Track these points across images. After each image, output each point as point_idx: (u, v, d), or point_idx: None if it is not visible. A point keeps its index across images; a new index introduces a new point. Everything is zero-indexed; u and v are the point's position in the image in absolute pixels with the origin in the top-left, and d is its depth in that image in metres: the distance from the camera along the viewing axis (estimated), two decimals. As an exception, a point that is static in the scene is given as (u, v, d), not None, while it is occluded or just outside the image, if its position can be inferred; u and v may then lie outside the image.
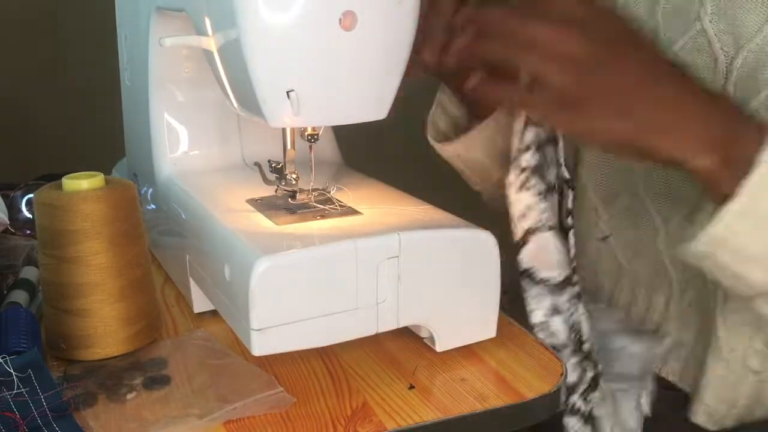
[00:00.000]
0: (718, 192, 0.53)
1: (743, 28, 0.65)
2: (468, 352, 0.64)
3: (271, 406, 0.56)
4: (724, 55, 0.66)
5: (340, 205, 0.65)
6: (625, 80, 0.53)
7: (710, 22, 0.67)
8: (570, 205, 0.66)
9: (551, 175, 0.66)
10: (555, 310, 0.65)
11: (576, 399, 0.65)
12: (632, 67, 0.53)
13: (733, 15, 0.65)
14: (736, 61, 0.65)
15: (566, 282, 0.65)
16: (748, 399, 0.67)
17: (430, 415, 0.56)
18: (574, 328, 0.65)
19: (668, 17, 0.72)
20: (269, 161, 0.68)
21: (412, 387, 0.59)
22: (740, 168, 0.51)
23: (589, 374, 0.66)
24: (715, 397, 0.68)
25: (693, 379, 0.70)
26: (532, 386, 0.59)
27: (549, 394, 0.59)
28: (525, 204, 0.65)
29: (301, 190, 0.66)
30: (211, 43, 0.60)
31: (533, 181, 0.64)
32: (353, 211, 0.65)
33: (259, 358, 0.58)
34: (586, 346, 0.66)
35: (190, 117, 0.77)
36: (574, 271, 0.66)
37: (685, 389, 0.72)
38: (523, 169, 0.64)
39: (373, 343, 0.64)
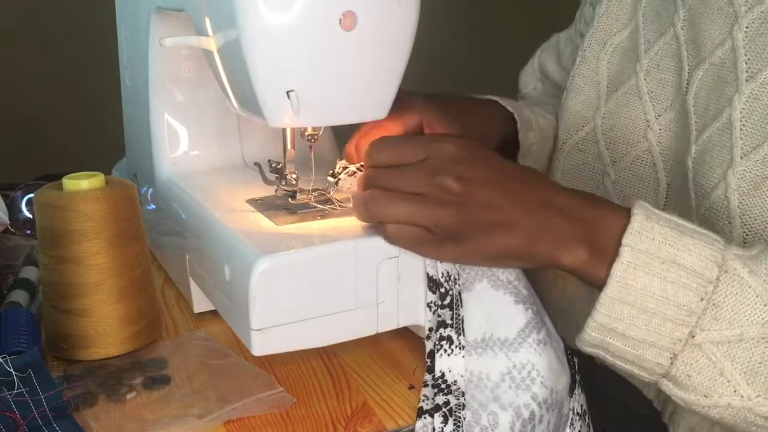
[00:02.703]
0: (597, 281, 0.52)
1: (706, 39, 0.64)
2: (468, 352, 0.64)
3: (271, 406, 0.56)
4: (688, 65, 0.66)
5: (340, 205, 0.65)
6: (484, 197, 0.54)
7: (682, 29, 0.67)
8: None
9: None
10: None
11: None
12: (487, 185, 0.54)
13: (700, 24, 0.65)
14: (697, 72, 0.64)
15: None
16: None
17: (430, 415, 0.56)
18: None
19: (648, 19, 0.72)
20: (269, 161, 0.68)
21: (412, 387, 0.59)
22: (609, 254, 0.51)
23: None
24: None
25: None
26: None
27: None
28: None
29: (301, 190, 0.66)
30: (211, 43, 0.60)
31: None
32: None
33: (259, 358, 0.58)
34: None
35: (190, 117, 0.77)
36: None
37: (659, 407, 0.71)
38: None
39: (373, 343, 0.64)
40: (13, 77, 1.68)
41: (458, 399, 0.55)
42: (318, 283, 0.56)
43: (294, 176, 0.66)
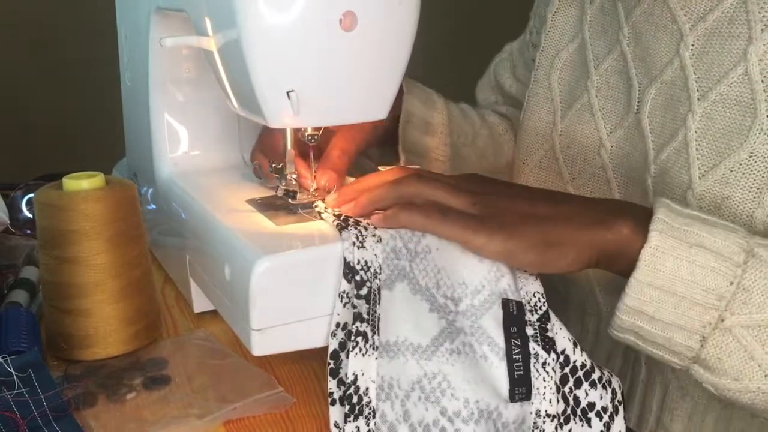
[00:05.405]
0: (631, 261, 0.52)
1: (655, 58, 0.63)
2: (468, 352, 0.64)
3: (271, 406, 0.56)
4: (638, 83, 0.65)
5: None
6: (507, 197, 0.56)
7: (628, 46, 0.66)
8: None
9: None
10: None
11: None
12: (502, 192, 0.57)
13: (647, 42, 0.64)
14: (650, 91, 0.64)
15: None
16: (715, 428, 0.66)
17: (430, 415, 0.56)
18: None
19: (595, 34, 0.71)
20: (269, 161, 0.68)
21: (412, 387, 0.59)
22: (641, 237, 0.51)
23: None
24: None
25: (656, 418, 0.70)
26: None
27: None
28: None
29: (301, 190, 0.66)
30: (211, 43, 0.60)
31: None
32: (353, 211, 0.64)
33: (259, 358, 0.58)
34: None
35: (190, 117, 0.77)
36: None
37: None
38: None
39: (373, 343, 0.64)
40: (13, 77, 1.68)
41: (368, 425, 0.53)
42: (318, 283, 0.56)
43: (294, 176, 0.66)
